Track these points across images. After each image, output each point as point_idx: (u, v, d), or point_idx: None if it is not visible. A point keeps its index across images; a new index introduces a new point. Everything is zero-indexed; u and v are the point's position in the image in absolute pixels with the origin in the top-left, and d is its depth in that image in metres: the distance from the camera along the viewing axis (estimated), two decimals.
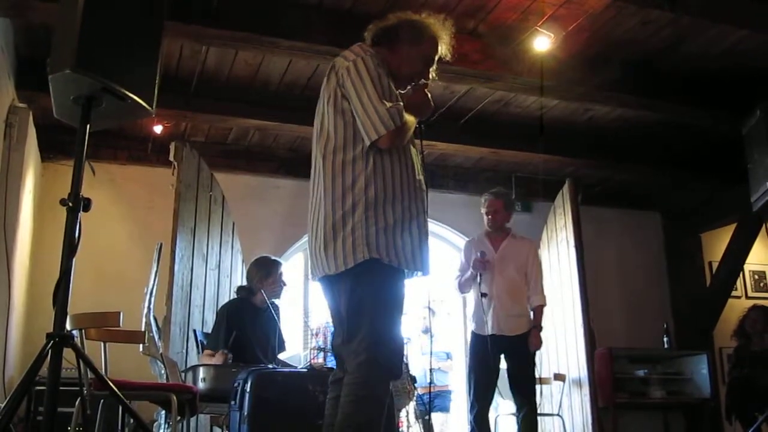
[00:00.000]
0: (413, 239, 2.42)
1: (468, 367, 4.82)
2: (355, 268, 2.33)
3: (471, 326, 4.92)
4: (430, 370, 6.65)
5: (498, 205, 4.92)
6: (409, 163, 2.50)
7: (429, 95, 2.65)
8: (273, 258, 4.74)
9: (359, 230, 2.33)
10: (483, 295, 4.74)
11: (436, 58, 2.68)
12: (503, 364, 4.81)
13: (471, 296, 5.03)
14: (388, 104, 2.36)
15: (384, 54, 2.53)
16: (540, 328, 4.79)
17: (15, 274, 4.91)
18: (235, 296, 4.78)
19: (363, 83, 2.38)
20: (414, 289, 2.60)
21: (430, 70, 2.68)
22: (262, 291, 4.50)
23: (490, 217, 4.91)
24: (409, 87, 2.61)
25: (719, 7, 4.27)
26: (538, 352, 4.86)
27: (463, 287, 4.95)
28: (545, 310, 4.91)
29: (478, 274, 4.78)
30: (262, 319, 4.49)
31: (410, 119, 2.46)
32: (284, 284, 4.61)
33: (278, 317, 4.60)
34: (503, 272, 4.79)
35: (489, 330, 4.69)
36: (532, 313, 4.83)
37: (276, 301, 4.64)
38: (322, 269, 2.43)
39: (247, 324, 4.38)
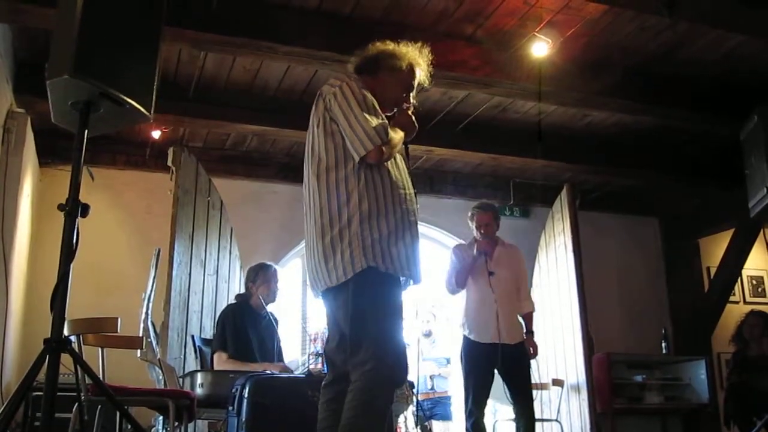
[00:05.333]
0: (407, 249, 2.53)
1: (465, 374, 4.77)
2: (355, 278, 2.42)
3: (465, 333, 4.83)
4: (431, 376, 6.65)
5: (488, 218, 4.86)
6: (399, 178, 2.61)
7: (413, 117, 2.77)
8: (264, 263, 4.77)
9: (356, 242, 2.43)
10: (490, 273, 4.68)
11: (416, 84, 2.82)
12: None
13: (463, 302, 4.97)
14: (374, 122, 2.48)
15: (367, 82, 2.66)
16: (533, 333, 4.82)
17: (13, 279, 4.90)
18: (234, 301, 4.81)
19: (349, 104, 2.51)
20: (414, 294, 2.67)
21: (411, 95, 2.81)
22: (259, 296, 4.53)
23: (482, 231, 4.86)
24: (394, 110, 2.74)
25: (717, 13, 4.28)
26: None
27: (458, 281, 4.83)
28: (538, 315, 4.91)
29: (485, 258, 4.73)
30: (260, 324, 4.51)
31: (396, 135, 2.59)
32: (276, 288, 4.63)
33: (276, 328, 4.62)
34: (500, 279, 4.75)
35: (492, 338, 4.64)
36: (522, 320, 4.83)
37: (275, 313, 4.67)
38: (324, 282, 2.52)
39: (247, 326, 4.41)
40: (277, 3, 4.40)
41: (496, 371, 4.70)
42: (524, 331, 4.80)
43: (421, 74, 2.81)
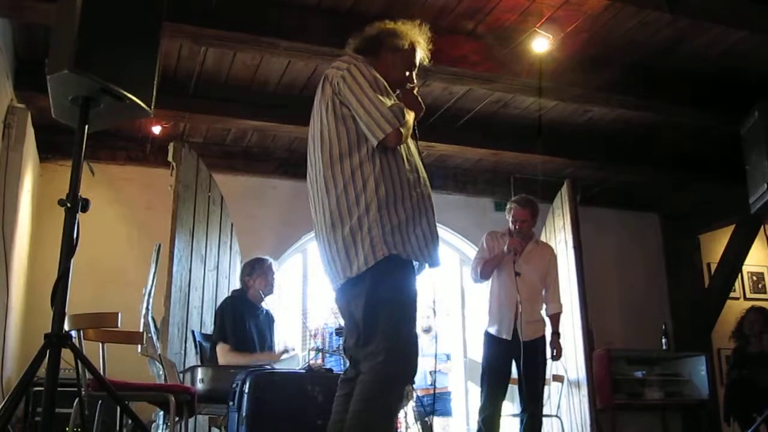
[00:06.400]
0: (425, 234, 2.49)
1: (482, 368, 4.76)
2: (376, 266, 2.36)
3: (487, 326, 4.81)
4: (430, 372, 6.65)
5: (525, 214, 4.81)
6: (413, 162, 2.56)
7: (418, 97, 2.71)
8: (259, 257, 4.80)
9: (375, 229, 2.37)
10: (517, 274, 4.64)
11: (417, 62, 2.76)
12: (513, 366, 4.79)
13: (486, 296, 4.92)
14: (389, 103, 2.42)
15: (369, 62, 2.59)
16: (559, 335, 4.81)
17: (13, 275, 4.91)
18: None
19: (361, 87, 2.44)
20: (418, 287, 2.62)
21: (413, 74, 2.75)
22: (257, 289, 4.59)
23: (517, 226, 4.80)
24: (398, 91, 2.67)
25: (718, 9, 4.27)
26: None
27: (483, 272, 4.79)
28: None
29: (513, 254, 4.70)
30: (258, 317, 4.53)
31: (410, 117, 2.52)
32: (273, 280, 4.67)
33: (273, 324, 4.64)
34: (525, 277, 4.71)
35: (511, 335, 4.64)
36: (548, 320, 4.82)
37: (271, 311, 4.70)
38: (343, 273, 2.43)
39: (246, 318, 4.43)
40: None
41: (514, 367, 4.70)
42: (549, 330, 4.78)
43: (421, 52, 2.76)
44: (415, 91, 2.71)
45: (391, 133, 2.39)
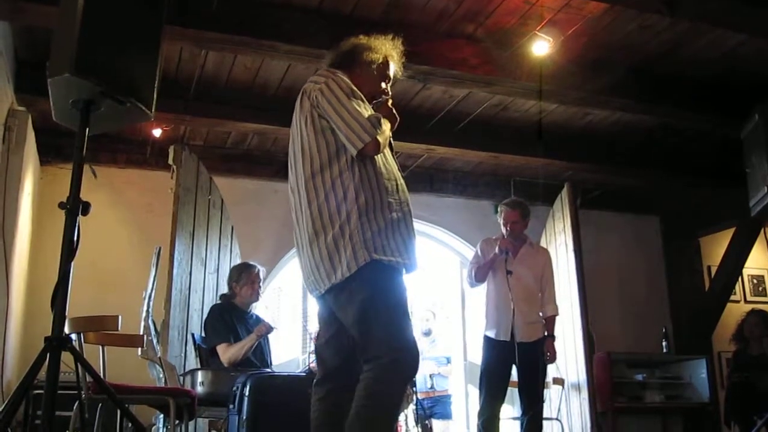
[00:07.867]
0: (404, 238, 2.52)
1: (481, 371, 4.77)
2: (359, 272, 2.39)
3: (485, 329, 4.83)
4: (430, 375, 6.66)
5: (515, 216, 4.85)
6: (390, 169, 2.61)
7: (393, 109, 2.77)
8: (248, 263, 4.78)
9: (357, 236, 2.41)
10: (508, 272, 4.68)
11: (391, 75, 2.84)
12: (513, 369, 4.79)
13: (483, 299, 4.95)
14: (366, 113, 2.49)
15: (345, 76, 2.65)
16: (554, 338, 4.81)
17: (14, 278, 4.91)
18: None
19: (339, 99, 2.50)
20: (414, 291, 2.65)
21: (388, 86, 2.82)
22: (245, 296, 4.58)
23: (508, 228, 4.85)
24: (373, 103, 2.72)
25: (717, 12, 4.27)
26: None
27: (477, 275, 4.85)
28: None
29: (506, 253, 4.74)
30: (248, 322, 4.51)
31: (387, 126, 2.59)
32: (260, 289, 4.65)
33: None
34: (520, 279, 4.75)
35: (507, 336, 4.65)
36: (544, 322, 4.83)
37: (261, 315, 4.69)
38: (327, 281, 2.47)
39: (236, 324, 4.41)
40: (278, 2, 4.40)
41: (514, 370, 4.71)
42: (543, 331, 4.78)
43: (394, 66, 2.83)
44: (389, 103, 2.77)
45: (370, 142, 2.44)
